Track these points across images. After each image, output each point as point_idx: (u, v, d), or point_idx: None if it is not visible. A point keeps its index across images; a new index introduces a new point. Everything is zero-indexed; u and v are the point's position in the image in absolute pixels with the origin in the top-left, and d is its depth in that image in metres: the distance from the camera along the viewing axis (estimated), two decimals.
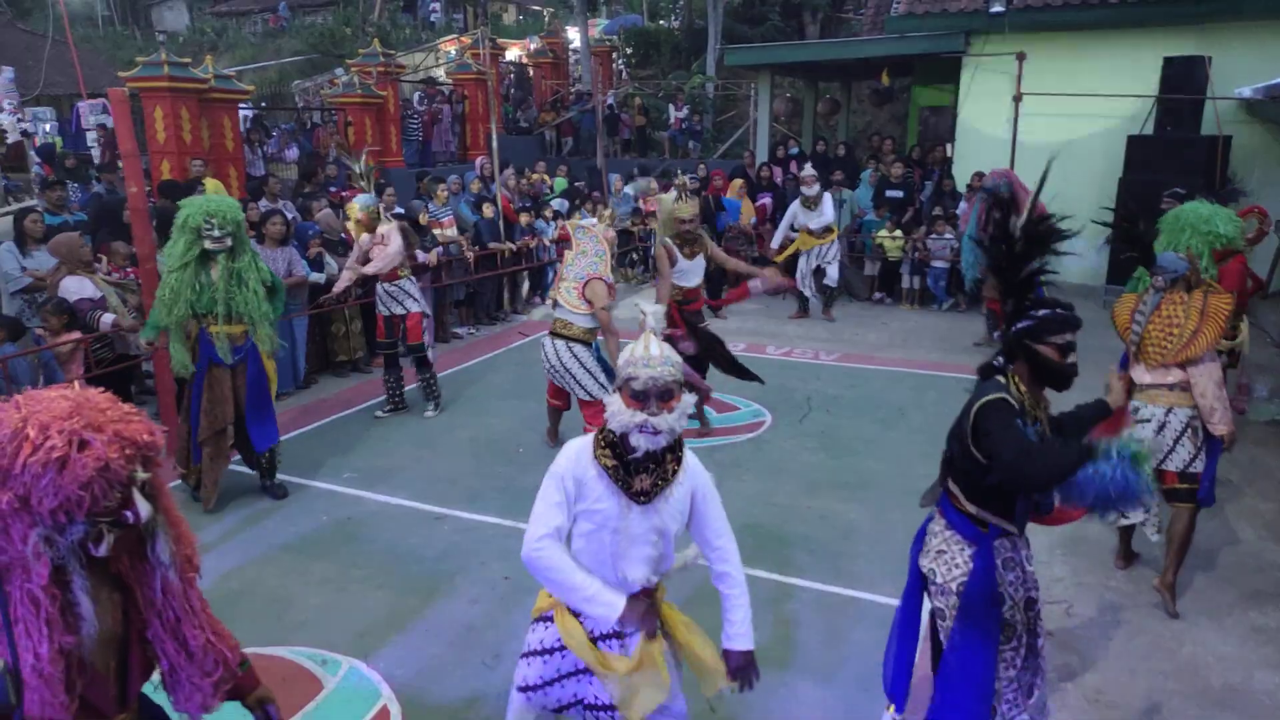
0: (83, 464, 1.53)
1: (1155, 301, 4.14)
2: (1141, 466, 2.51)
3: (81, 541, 1.58)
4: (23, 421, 1.53)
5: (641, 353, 2.50)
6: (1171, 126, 10.29)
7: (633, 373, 2.45)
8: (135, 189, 5.88)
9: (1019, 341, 2.69)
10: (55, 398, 1.59)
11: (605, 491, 2.46)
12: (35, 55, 16.65)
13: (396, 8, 31.22)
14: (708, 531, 2.70)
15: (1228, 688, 3.62)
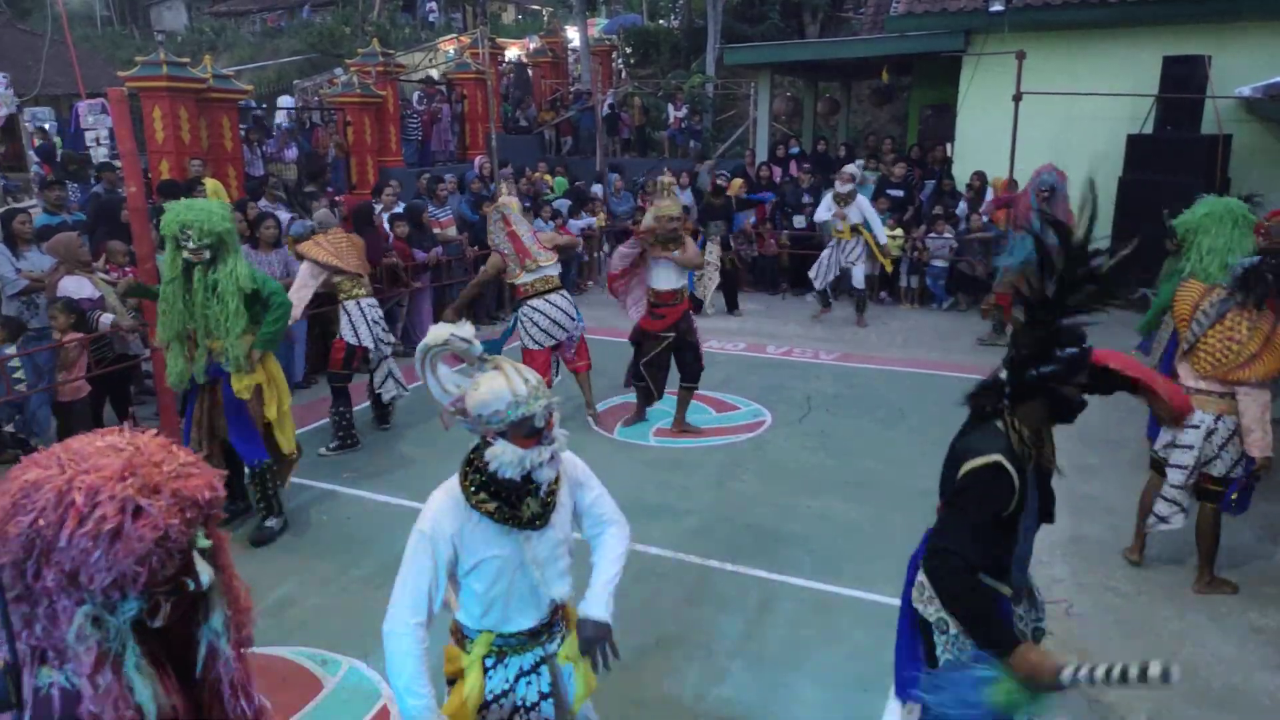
0: (139, 535, 1.29)
1: (1222, 310, 4.04)
2: (999, 705, 2.34)
3: (136, 619, 1.36)
4: (67, 484, 1.29)
5: (522, 389, 2.21)
6: (1171, 126, 10.28)
7: (525, 412, 2.20)
8: (134, 188, 5.87)
9: (1041, 385, 2.40)
10: (103, 450, 1.35)
11: (495, 535, 2.27)
12: (34, 55, 16.63)
13: (395, 7, 31.19)
14: (599, 515, 2.65)
15: (1228, 688, 3.62)
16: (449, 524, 2.26)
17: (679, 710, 3.50)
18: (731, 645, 3.92)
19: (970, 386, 2.56)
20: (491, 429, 2.24)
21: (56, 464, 1.32)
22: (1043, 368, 2.37)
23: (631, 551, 4.80)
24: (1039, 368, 2.38)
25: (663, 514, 5.24)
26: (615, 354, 8.85)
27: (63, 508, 1.27)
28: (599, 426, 6.82)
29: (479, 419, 2.25)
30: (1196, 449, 4.17)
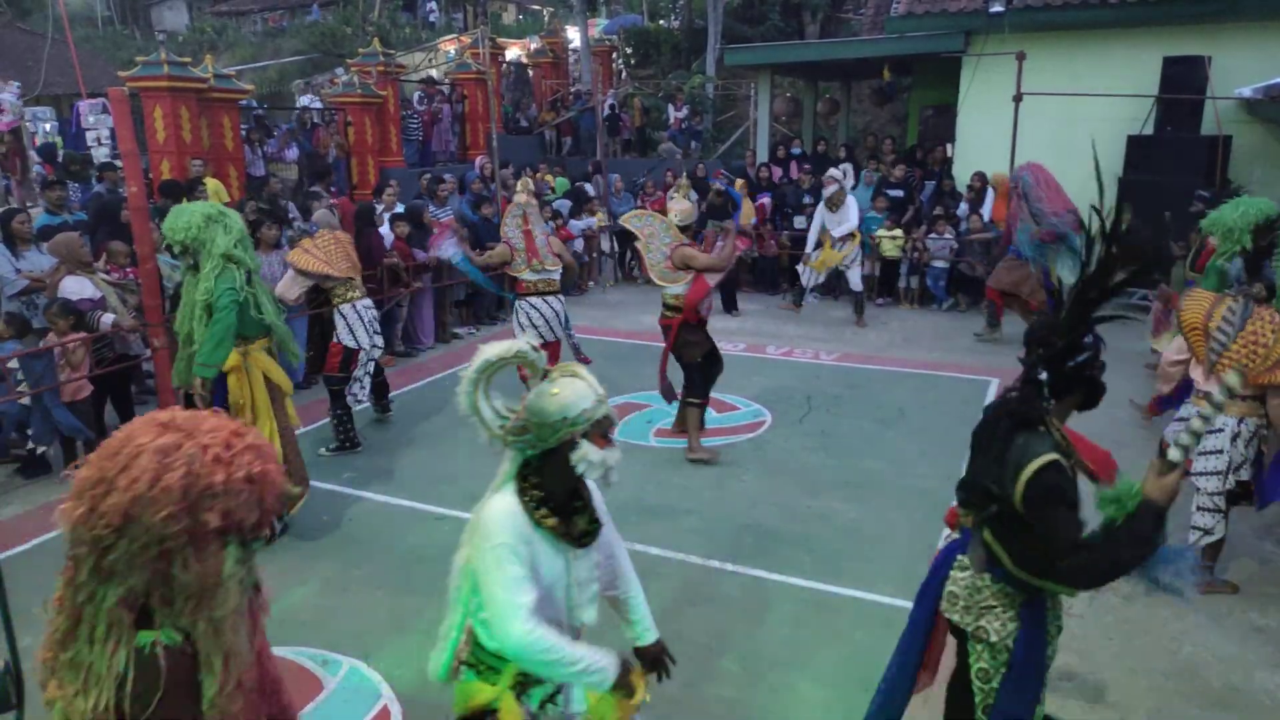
0: (271, 479, 1.48)
1: (1246, 314, 4.07)
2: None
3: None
4: (200, 442, 1.43)
5: (600, 389, 2.27)
6: (1171, 126, 10.29)
7: (606, 411, 2.24)
8: (135, 188, 5.88)
9: (1080, 375, 2.41)
10: (197, 418, 1.50)
11: (550, 554, 2.26)
12: (35, 55, 16.66)
13: (396, 7, 31.21)
14: (612, 539, 2.59)
15: (1228, 688, 3.62)
16: (520, 533, 2.21)
17: (679, 710, 3.50)
18: (731, 645, 3.93)
19: (1002, 400, 2.48)
20: (576, 431, 2.23)
21: (174, 429, 1.44)
22: (1078, 357, 2.40)
23: (631, 551, 4.81)
24: (1075, 358, 2.40)
25: (663, 514, 5.24)
26: (616, 354, 8.87)
27: (210, 458, 1.41)
28: None
29: (562, 421, 2.22)
30: (1226, 454, 4.19)
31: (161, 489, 1.36)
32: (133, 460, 1.39)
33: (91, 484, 1.39)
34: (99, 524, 1.36)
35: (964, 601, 2.56)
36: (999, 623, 2.50)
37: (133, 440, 1.42)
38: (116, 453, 1.42)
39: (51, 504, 5.48)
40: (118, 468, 1.39)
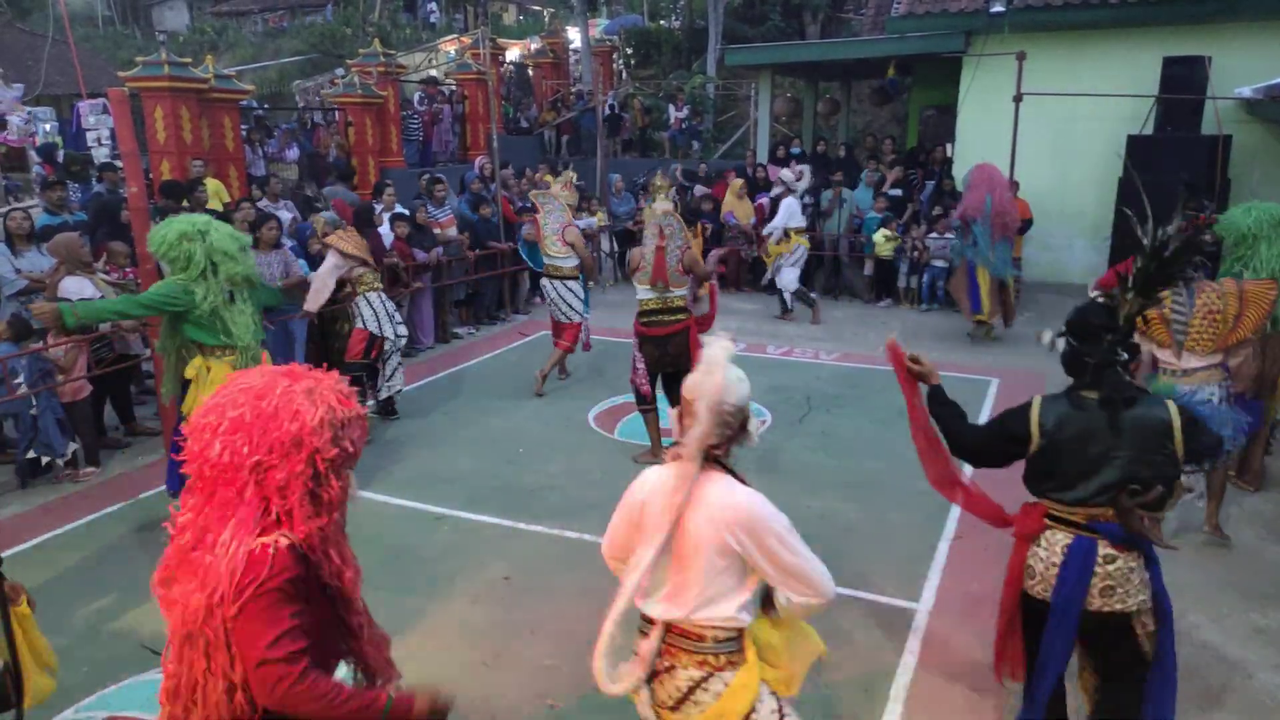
0: (362, 419, 1.87)
1: (1191, 293, 4.43)
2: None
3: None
4: (322, 389, 1.79)
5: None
6: (1171, 126, 10.29)
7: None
8: (135, 188, 5.88)
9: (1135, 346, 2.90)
10: (300, 370, 1.84)
11: None
12: (35, 55, 16.67)
13: (396, 8, 31.22)
14: None
15: (1228, 688, 3.62)
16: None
17: None
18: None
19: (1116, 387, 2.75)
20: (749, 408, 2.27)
21: (299, 376, 1.79)
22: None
23: None
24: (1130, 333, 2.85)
25: None
26: (616, 353, 8.86)
27: (335, 401, 1.78)
28: (598, 426, 6.82)
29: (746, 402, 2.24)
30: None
31: (319, 419, 1.71)
32: (289, 399, 1.71)
33: (245, 422, 1.67)
34: (264, 451, 1.67)
35: (1122, 588, 2.74)
36: (1145, 590, 2.77)
37: (275, 386, 1.73)
38: (262, 396, 1.70)
39: (51, 504, 5.49)
40: (275, 406, 1.69)
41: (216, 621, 1.70)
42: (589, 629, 4.01)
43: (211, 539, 1.71)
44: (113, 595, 4.37)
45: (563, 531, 5.02)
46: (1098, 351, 2.75)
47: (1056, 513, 2.84)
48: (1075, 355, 2.83)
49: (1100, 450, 2.70)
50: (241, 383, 1.75)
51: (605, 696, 3.63)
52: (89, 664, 3.78)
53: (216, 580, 1.69)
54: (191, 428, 1.74)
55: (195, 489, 1.75)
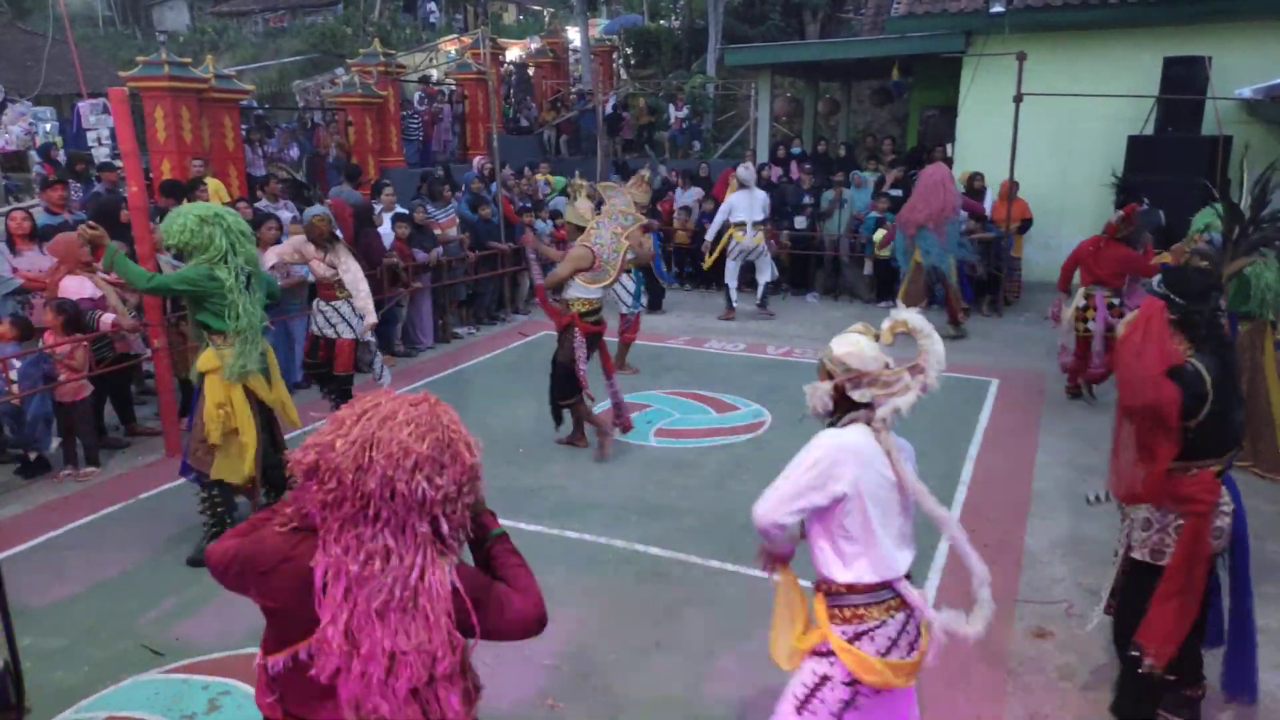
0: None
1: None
2: None
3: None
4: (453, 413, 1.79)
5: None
6: (1172, 126, 10.28)
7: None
8: (135, 188, 5.88)
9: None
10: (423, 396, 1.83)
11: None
12: (35, 55, 16.66)
13: (396, 8, 31.22)
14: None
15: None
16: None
17: (679, 710, 3.50)
18: (731, 645, 3.92)
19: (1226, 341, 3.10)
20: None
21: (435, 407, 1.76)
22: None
23: (631, 551, 4.82)
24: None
25: (663, 514, 5.24)
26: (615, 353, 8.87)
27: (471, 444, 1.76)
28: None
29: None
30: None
31: (480, 450, 1.74)
32: (459, 432, 1.71)
33: (433, 456, 1.64)
34: (452, 486, 1.66)
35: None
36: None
37: (441, 415, 1.72)
38: (434, 428, 1.67)
39: (50, 504, 5.49)
40: (449, 438, 1.68)
41: (456, 660, 1.69)
42: (589, 629, 4.03)
43: (422, 581, 1.65)
44: (113, 595, 4.37)
45: (563, 531, 5.02)
46: (1207, 307, 3.00)
47: (1217, 468, 3.04)
48: (1185, 314, 3.01)
49: (1238, 397, 3.04)
50: (394, 410, 1.68)
51: (605, 696, 3.64)
52: (89, 664, 3.78)
53: (449, 620, 1.66)
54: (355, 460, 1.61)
55: (369, 530, 1.63)
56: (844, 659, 2.36)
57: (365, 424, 1.64)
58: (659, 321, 10.27)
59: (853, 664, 2.35)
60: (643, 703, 3.53)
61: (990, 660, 3.79)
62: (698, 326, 10.02)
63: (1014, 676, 3.69)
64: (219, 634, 3.98)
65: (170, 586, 4.42)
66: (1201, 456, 3.00)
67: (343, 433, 1.65)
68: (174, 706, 3.50)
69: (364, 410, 1.68)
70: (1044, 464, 5.96)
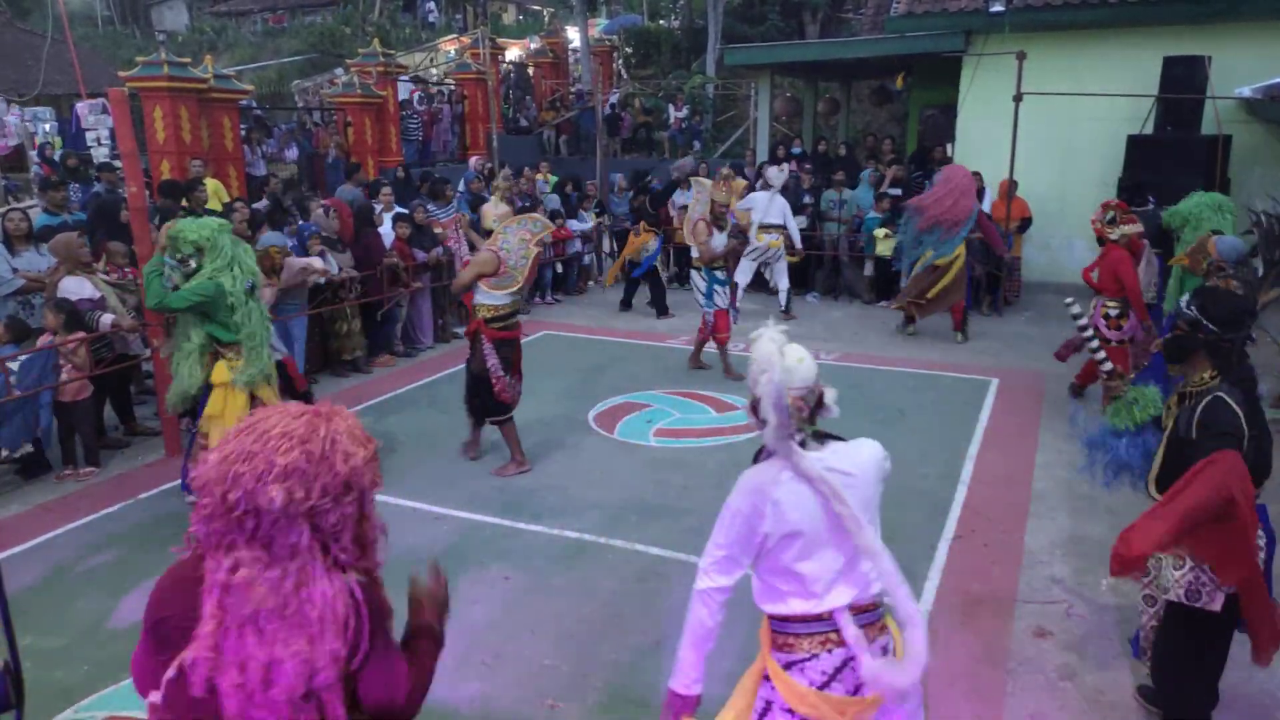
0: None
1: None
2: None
3: None
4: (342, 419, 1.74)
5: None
6: (1171, 126, 10.28)
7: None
8: (135, 188, 5.88)
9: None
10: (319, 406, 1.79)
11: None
12: (35, 55, 16.65)
13: (396, 8, 31.21)
14: None
15: (1228, 687, 3.61)
16: None
17: None
18: (731, 646, 3.91)
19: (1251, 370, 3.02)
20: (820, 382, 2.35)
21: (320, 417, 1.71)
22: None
23: (631, 551, 4.82)
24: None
25: (663, 514, 5.24)
26: (616, 353, 8.87)
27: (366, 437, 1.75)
28: (598, 426, 6.81)
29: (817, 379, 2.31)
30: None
31: (364, 459, 1.69)
32: (335, 441, 1.67)
33: (299, 467, 1.61)
34: (318, 496, 1.62)
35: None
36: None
37: (320, 426, 1.68)
38: (307, 439, 1.64)
39: (50, 504, 5.48)
40: (324, 449, 1.64)
41: (336, 674, 1.66)
42: (589, 629, 4.03)
43: (297, 591, 1.63)
44: (113, 595, 4.37)
45: (563, 531, 5.02)
46: (1239, 336, 2.86)
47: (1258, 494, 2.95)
48: (1215, 341, 2.89)
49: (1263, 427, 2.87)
50: (274, 424, 1.67)
51: (605, 696, 3.64)
52: (89, 664, 3.78)
53: (334, 632, 1.65)
54: (224, 474, 1.61)
55: (242, 541, 1.63)
56: (778, 685, 2.25)
57: (241, 439, 1.65)
58: (656, 321, 10.27)
59: (784, 692, 2.23)
60: (643, 703, 3.53)
61: (990, 660, 3.79)
62: (698, 326, 10.00)
63: (1014, 676, 3.69)
64: None
65: None
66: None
67: (219, 448, 1.66)
68: None
69: (246, 426, 1.68)
70: (1044, 464, 5.96)
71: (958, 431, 6.52)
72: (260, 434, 1.64)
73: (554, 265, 11.41)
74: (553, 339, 9.60)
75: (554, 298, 11.49)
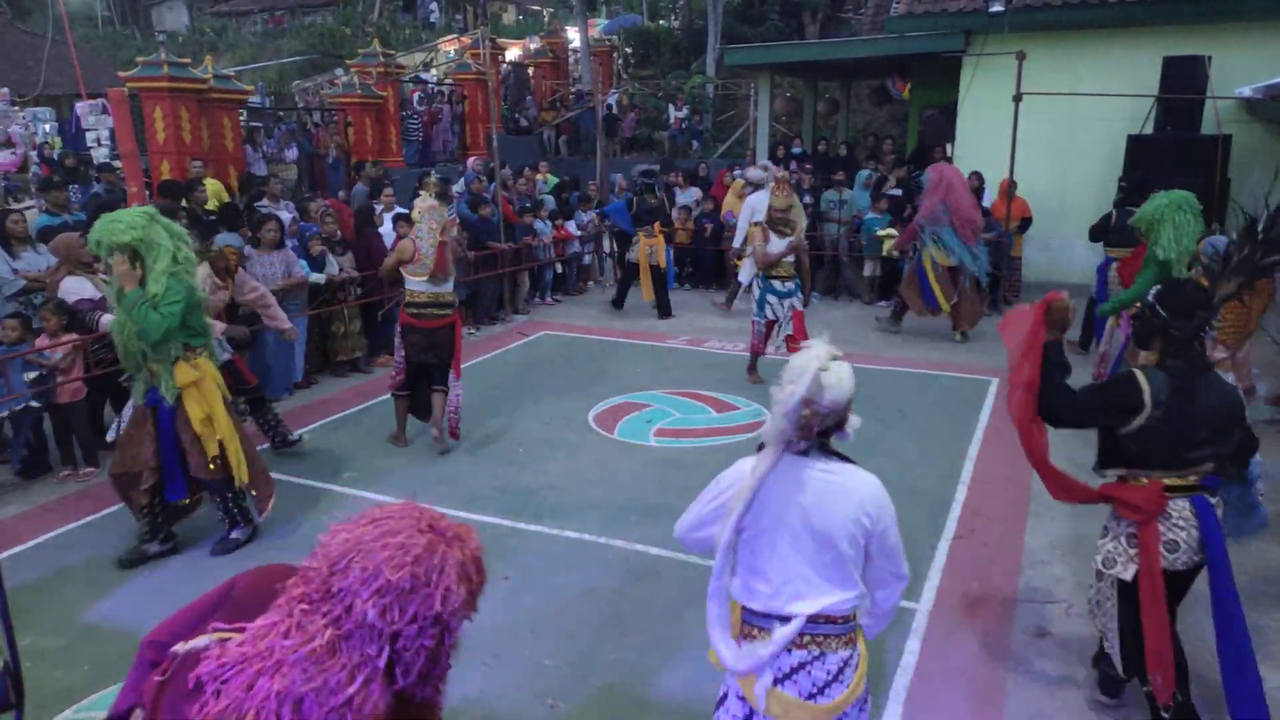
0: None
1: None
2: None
3: None
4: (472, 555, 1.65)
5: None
6: (1171, 126, 10.28)
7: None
8: (135, 188, 5.88)
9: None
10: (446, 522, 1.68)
11: None
12: (35, 55, 16.67)
13: (396, 8, 31.22)
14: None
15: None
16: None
17: (678, 710, 3.50)
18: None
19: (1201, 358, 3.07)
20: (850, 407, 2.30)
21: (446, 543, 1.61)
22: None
23: (631, 551, 4.82)
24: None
25: (663, 514, 5.24)
26: (615, 353, 8.87)
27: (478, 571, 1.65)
28: (598, 426, 6.81)
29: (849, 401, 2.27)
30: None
31: (464, 599, 1.61)
32: (444, 576, 1.58)
33: (402, 588, 1.54)
34: (406, 622, 1.55)
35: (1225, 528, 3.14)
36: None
37: (438, 551, 1.59)
38: (420, 560, 1.56)
39: (50, 504, 5.49)
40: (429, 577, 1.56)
41: None
42: (589, 629, 4.03)
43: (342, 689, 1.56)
44: (113, 595, 4.37)
45: (562, 531, 5.03)
46: (1189, 326, 2.98)
47: (1172, 482, 3.05)
48: (1164, 327, 3.02)
49: (1200, 415, 2.97)
50: (402, 527, 1.62)
51: (605, 696, 3.64)
52: (89, 664, 3.78)
53: None
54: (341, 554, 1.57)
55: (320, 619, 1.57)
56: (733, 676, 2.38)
57: (375, 527, 1.62)
58: (656, 321, 10.27)
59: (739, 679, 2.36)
60: (642, 703, 3.53)
61: (990, 660, 3.79)
62: (698, 326, 10.02)
63: (1014, 676, 3.69)
64: None
65: (171, 586, 4.42)
66: (1149, 467, 3.07)
67: (354, 522, 1.64)
68: None
69: (385, 514, 1.65)
70: None
71: (958, 431, 6.52)
72: (386, 533, 1.60)
73: (554, 265, 11.41)
74: (552, 339, 9.60)
75: (554, 298, 11.50)
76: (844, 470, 2.29)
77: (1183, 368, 3.00)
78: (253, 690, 1.51)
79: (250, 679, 1.52)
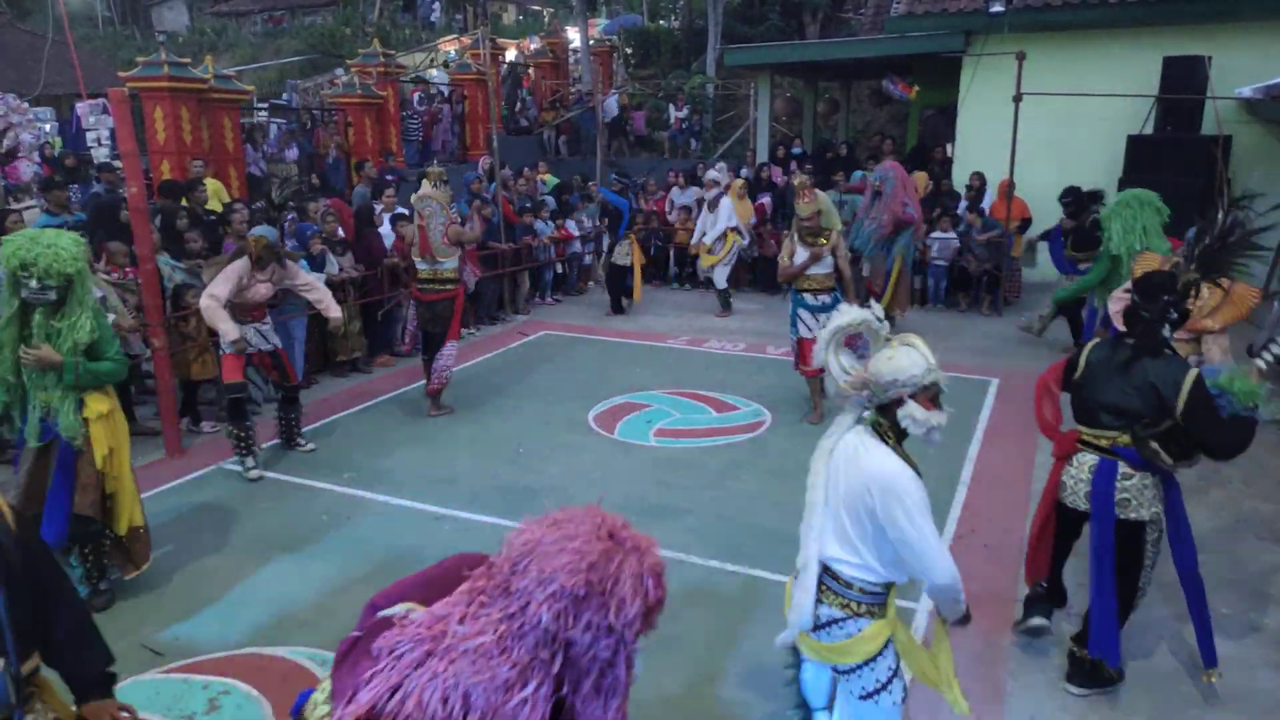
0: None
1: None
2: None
3: None
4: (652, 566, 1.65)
5: (933, 359, 2.61)
6: (1171, 126, 10.28)
7: (936, 378, 2.60)
8: (135, 189, 5.88)
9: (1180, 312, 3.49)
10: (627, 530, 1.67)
11: None
12: (35, 55, 16.67)
13: (396, 8, 31.21)
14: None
15: (1228, 687, 3.62)
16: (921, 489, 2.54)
17: (678, 710, 3.50)
18: (731, 645, 3.93)
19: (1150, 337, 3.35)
20: (905, 392, 2.56)
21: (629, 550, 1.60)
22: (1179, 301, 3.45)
23: None
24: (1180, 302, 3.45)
25: (663, 514, 5.25)
26: (615, 353, 8.88)
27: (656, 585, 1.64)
28: (598, 426, 6.81)
29: (893, 383, 2.55)
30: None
31: (638, 612, 1.59)
32: (619, 582, 1.56)
33: (576, 594, 1.53)
34: (580, 630, 1.54)
35: (1136, 500, 3.38)
36: (1157, 505, 3.39)
37: (614, 560, 1.57)
38: (595, 567, 1.54)
39: None
40: (604, 586, 1.54)
41: None
42: None
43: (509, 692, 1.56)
44: (112, 595, 4.37)
45: None
46: (1154, 309, 3.33)
47: (1087, 438, 3.48)
48: (1133, 309, 3.42)
49: (1120, 386, 3.34)
50: (581, 532, 1.59)
51: None
52: None
53: None
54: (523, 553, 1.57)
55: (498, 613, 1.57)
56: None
57: (555, 530, 1.60)
58: (656, 321, 10.27)
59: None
60: (643, 703, 3.52)
61: (990, 660, 3.79)
62: (698, 326, 10.03)
63: (1014, 676, 3.69)
64: (219, 634, 3.98)
65: (170, 586, 4.42)
66: (1076, 421, 3.55)
67: (539, 521, 1.63)
68: (174, 706, 3.50)
69: (561, 519, 1.63)
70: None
71: (958, 431, 6.52)
72: (565, 537, 1.58)
73: (554, 265, 11.42)
74: (553, 339, 9.61)
75: (554, 298, 11.50)
76: (871, 448, 2.56)
77: (1133, 345, 3.37)
78: (421, 669, 1.55)
79: (420, 658, 1.57)
